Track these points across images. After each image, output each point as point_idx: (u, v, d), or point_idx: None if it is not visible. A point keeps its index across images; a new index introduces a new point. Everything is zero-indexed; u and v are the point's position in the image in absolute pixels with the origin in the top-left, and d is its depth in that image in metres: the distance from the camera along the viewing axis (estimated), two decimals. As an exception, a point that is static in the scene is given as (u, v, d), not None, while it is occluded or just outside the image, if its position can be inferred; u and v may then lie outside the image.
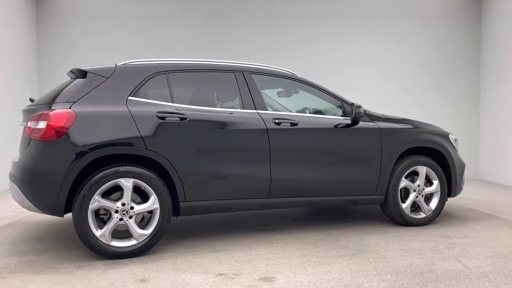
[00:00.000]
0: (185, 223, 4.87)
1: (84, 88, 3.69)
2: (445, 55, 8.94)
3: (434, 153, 4.85)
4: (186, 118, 3.79)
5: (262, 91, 4.91)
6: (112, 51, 8.39)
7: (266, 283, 3.01)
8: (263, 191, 4.07)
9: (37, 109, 3.73)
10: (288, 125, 4.15)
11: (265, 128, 4.04)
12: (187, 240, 4.13)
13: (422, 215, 4.69)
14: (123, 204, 3.56)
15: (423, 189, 4.68)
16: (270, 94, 4.94)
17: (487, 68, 8.73)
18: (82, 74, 3.84)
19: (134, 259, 3.54)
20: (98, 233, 3.49)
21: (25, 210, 5.20)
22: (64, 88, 3.79)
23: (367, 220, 4.97)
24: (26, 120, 3.75)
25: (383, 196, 4.55)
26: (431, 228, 4.57)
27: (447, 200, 4.95)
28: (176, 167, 3.72)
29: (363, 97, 8.16)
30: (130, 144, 3.60)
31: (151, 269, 3.31)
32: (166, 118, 3.73)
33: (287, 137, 4.14)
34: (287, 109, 4.79)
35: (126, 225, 3.58)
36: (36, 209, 3.53)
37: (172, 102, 3.87)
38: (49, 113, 3.47)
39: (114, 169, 3.54)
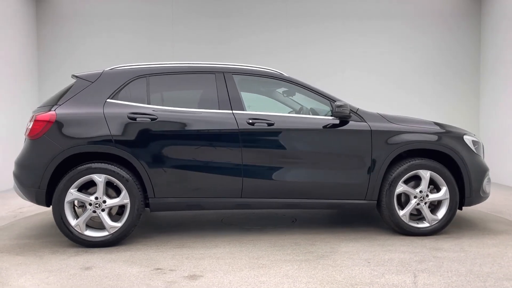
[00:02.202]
0: (179, 220, 5.08)
1: (72, 92, 4.12)
2: (445, 55, 8.87)
3: (448, 157, 4.37)
4: (156, 119, 3.99)
5: (277, 90, 4.94)
6: (112, 51, 8.61)
7: (187, 281, 3.06)
8: (236, 191, 4.08)
9: (38, 110, 4.24)
10: (264, 125, 4.10)
11: (237, 128, 4.05)
12: (166, 235, 4.33)
13: (425, 225, 4.26)
14: (96, 198, 3.89)
15: (427, 195, 4.24)
16: (271, 95, 4.91)
17: (487, 68, 8.65)
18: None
19: (102, 249, 3.84)
20: (73, 222, 3.87)
21: (24, 209, 5.88)
22: (65, 91, 4.26)
23: (369, 226, 4.65)
24: (31, 121, 4.30)
25: (375, 202, 4.24)
26: (430, 238, 4.14)
27: (461, 209, 4.43)
28: (144, 165, 3.94)
29: (363, 97, 8.13)
30: (101, 143, 3.91)
31: (105, 259, 3.57)
32: (137, 119, 3.97)
33: (261, 137, 4.09)
34: (299, 106, 4.71)
35: (99, 217, 3.91)
36: (26, 199, 4.04)
37: (148, 104, 4.10)
38: (35, 115, 3.96)
39: (87, 165, 3.89)
